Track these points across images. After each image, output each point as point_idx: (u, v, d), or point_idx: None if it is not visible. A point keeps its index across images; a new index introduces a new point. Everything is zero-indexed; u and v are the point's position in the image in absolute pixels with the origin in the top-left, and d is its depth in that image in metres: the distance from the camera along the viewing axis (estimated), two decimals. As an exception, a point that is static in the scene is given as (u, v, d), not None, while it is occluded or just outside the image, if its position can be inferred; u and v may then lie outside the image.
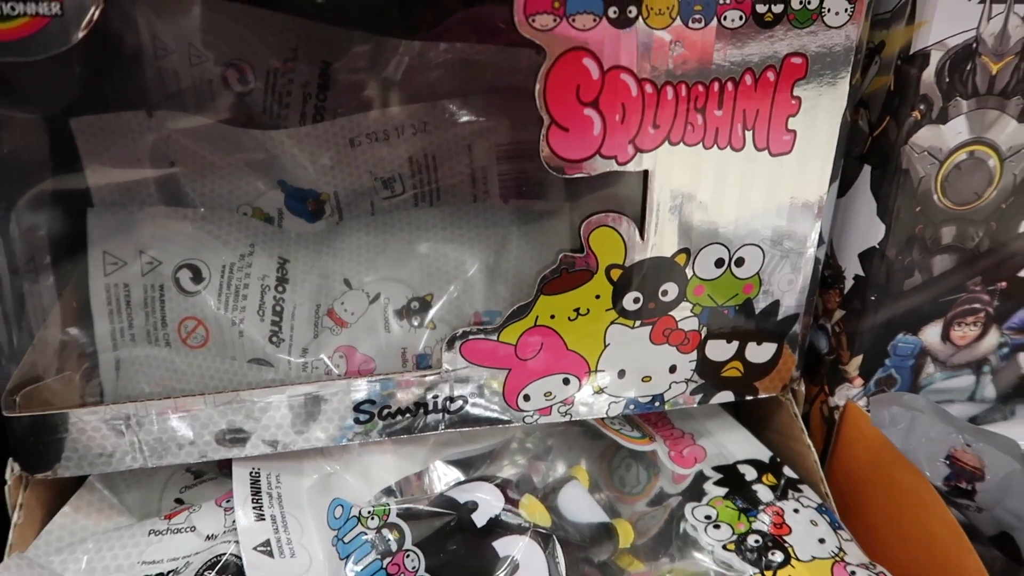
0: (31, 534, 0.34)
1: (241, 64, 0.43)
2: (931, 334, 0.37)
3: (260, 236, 0.43)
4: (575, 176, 0.32)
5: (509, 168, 0.44)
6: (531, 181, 0.44)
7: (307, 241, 0.44)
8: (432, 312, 0.42)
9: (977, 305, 0.36)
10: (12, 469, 0.33)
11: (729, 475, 0.39)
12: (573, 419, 0.37)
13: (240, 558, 0.32)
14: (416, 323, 0.41)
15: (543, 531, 0.32)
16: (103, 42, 0.42)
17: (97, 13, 0.26)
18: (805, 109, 0.32)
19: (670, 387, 0.37)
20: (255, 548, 0.32)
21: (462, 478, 0.36)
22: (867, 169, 0.35)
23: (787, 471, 0.39)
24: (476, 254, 0.43)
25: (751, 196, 0.34)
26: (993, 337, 0.37)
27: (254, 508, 0.33)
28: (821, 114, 0.32)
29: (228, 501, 0.35)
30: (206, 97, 0.44)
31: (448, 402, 0.36)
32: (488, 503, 0.32)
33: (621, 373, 0.36)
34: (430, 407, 0.36)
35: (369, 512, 0.33)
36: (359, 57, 0.44)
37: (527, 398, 0.36)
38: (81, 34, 0.26)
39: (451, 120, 0.44)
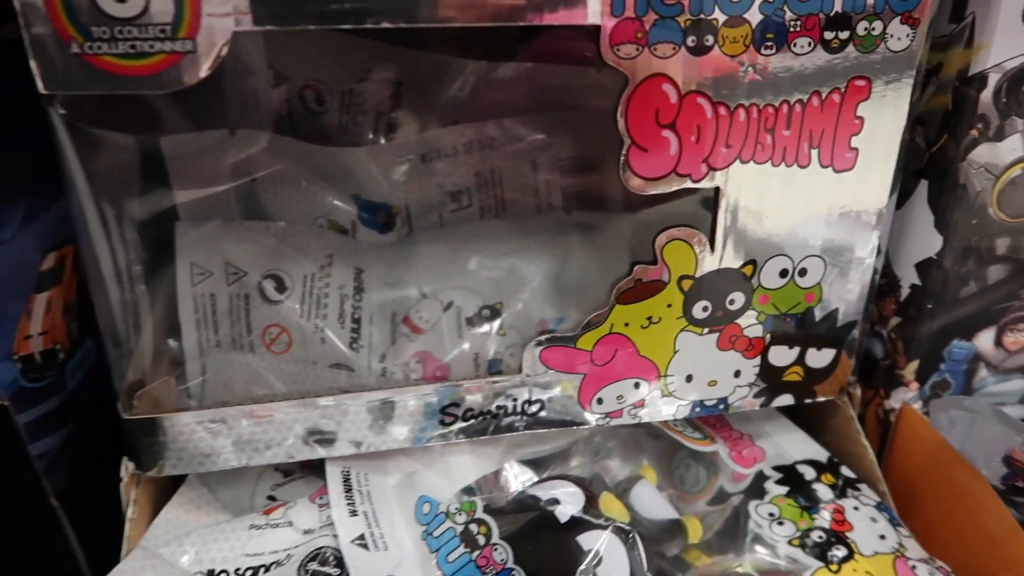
0: (142, 528, 0.36)
1: (317, 84, 0.46)
2: (984, 340, 0.38)
3: (337, 247, 0.45)
4: (652, 193, 0.34)
5: (572, 182, 0.46)
6: (592, 194, 0.47)
7: (380, 252, 0.46)
8: (501, 319, 0.44)
9: (1029, 312, 0.38)
10: (127, 467, 0.36)
11: (789, 474, 0.40)
12: (642, 421, 0.39)
13: (339, 551, 0.34)
14: (487, 329, 0.44)
15: (623, 526, 0.34)
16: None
17: (225, 49, 0.29)
18: (867, 128, 0.34)
19: (734, 391, 0.39)
20: (352, 542, 0.34)
21: (535, 477, 0.38)
22: (924, 184, 0.37)
23: (845, 471, 0.40)
24: (542, 263, 0.45)
25: (815, 210, 0.36)
26: (1044, 343, 0.39)
27: (348, 504, 0.36)
28: (882, 132, 0.34)
29: (321, 498, 0.37)
30: (284, 116, 0.46)
31: (527, 405, 0.38)
32: (569, 500, 0.35)
33: (689, 378, 0.38)
34: (509, 409, 0.38)
35: (456, 508, 0.35)
36: (428, 76, 0.46)
37: (600, 401, 0.38)
38: (209, 69, 0.29)
39: (515, 136, 0.46)
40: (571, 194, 0.47)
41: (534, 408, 0.38)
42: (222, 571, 0.35)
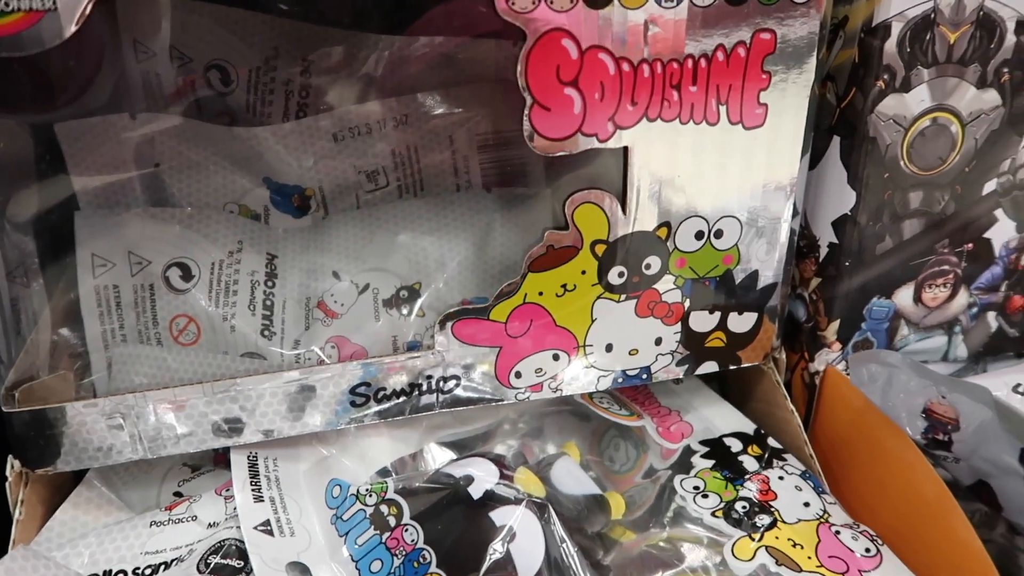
0: (32, 531, 0.34)
1: (223, 64, 0.44)
2: (904, 297, 0.38)
3: (247, 233, 0.43)
4: (558, 155, 0.33)
5: (490, 156, 0.45)
6: (512, 168, 0.46)
7: (294, 236, 0.44)
8: (421, 300, 0.43)
9: (946, 267, 0.38)
10: (12, 466, 0.34)
11: (715, 448, 0.40)
12: (564, 394, 0.38)
13: (242, 542, 0.32)
14: (405, 312, 0.42)
15: (538, 500, 0.33)
16: (86, 47, 0.42)
17: (90, 7, 0.27)
18: (775, 83, 0.34)
19: (656, 359, 0.38)
20: (255, 528, 0.32)
21: (456, 459, 0.37)
22: (836, 140, 0.36)
23: (771, 442, 0.40)
24: (461, 242, 0.44)
25: (727, 169, 0.35)
26: (962, 298, 0.39)
27: (253, 490, 0.34)
28: (791, 87, 0.34)
29: (228, 490, 0.35)
30: (189, 98, 0.44)
31: (442, 382, 0.37)
32: (483, 476, 0.33)
33: (609, 347, 0.37)
34: (424, 388, 0.36)
35: (367, 490, 0.34)
36: (339, 54, 0.45)
37: (518, 375, 0.37)
38: (74, 28, 0.27)
39: (431, 112, 0.45)
40: (491, 170, 0.46)
41: (450, 385, 0.37)
42: (119, 571, 0.33)
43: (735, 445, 0.40)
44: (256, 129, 0.43)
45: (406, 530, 0.32)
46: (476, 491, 0.33)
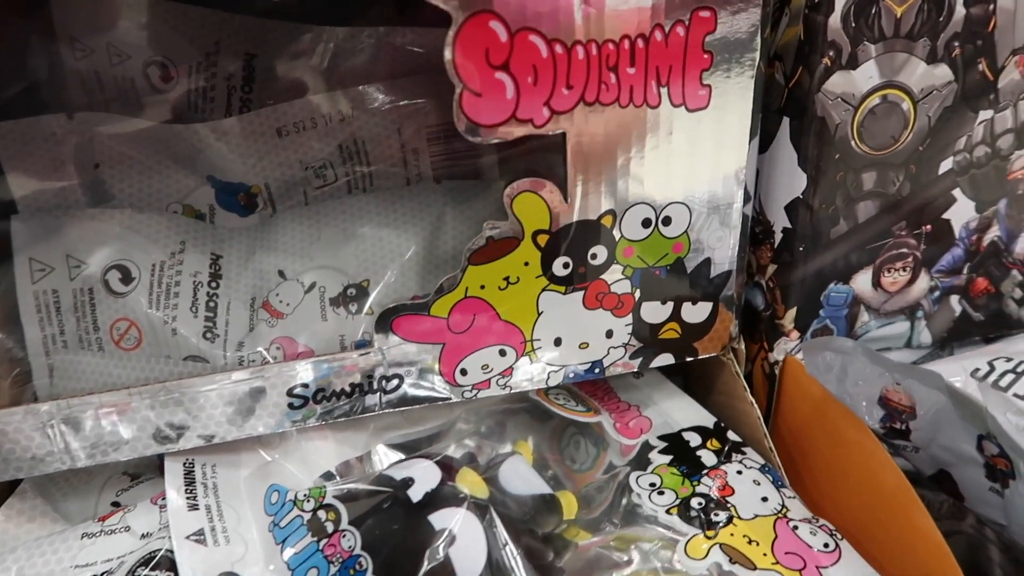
0: (-42, 545, 0.33)
1: (162, 60, 0.43)
2: (862, 282, 0.37)
3: (191, 233, 0.42)
4: (493, 141, 0.32)
5: (440, 148, 0.44)
6: (463, 159, 0.44)
7: (240, 235, 0.43)
8: (370, 299, 0.41)
9: (904, 250, 0.37)
10: (-67, 477, 0.32)
11: (674, 443, 0.38)
12: (513, 391, 0.37)
13: (173, 552, 0.31)
14: (354, 310, 0.41)
15: (480, 502, 0.31)
16: (20, 45, 0.41)
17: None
18: (718, 63, 0.32)
19: (608, 352, 0.37)
20: (187, 537, 0.31)
21: (397, 461, 0.36)
22: (786, 121, 0.35)
23: (731, 435, 0.38)
24: (412, 237, 0.42)
25: (672, 154, 0.34)
26: (923, 282, 0.38)
27: (187, 498, 0.33)
28: (735, 67, 0.32)
29: (163, 499, 0.34)
30: (129, 96, 0.43)
31: (384, 381, 0.35)
32: (424, 478, 0.32)
33: (558, 341, 0.36)
34: (366, 388, 0.35)
35: (305, 495, 0.32)
36: (282, 47, 0.43)
37: (464, 372, 0.36)
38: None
39: (378, 104, 0.43)
40: (442, 162, 0.44)
41: (393, 384, 0.35)
42: (47, 586, 0.31)
43: (694, 440, 0.38)
44: (197, 126, 0.42)
45: (344, 536, 0.31)
46: (416, 494, 0.31)
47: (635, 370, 0.38)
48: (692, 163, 0.34)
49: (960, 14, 0.32)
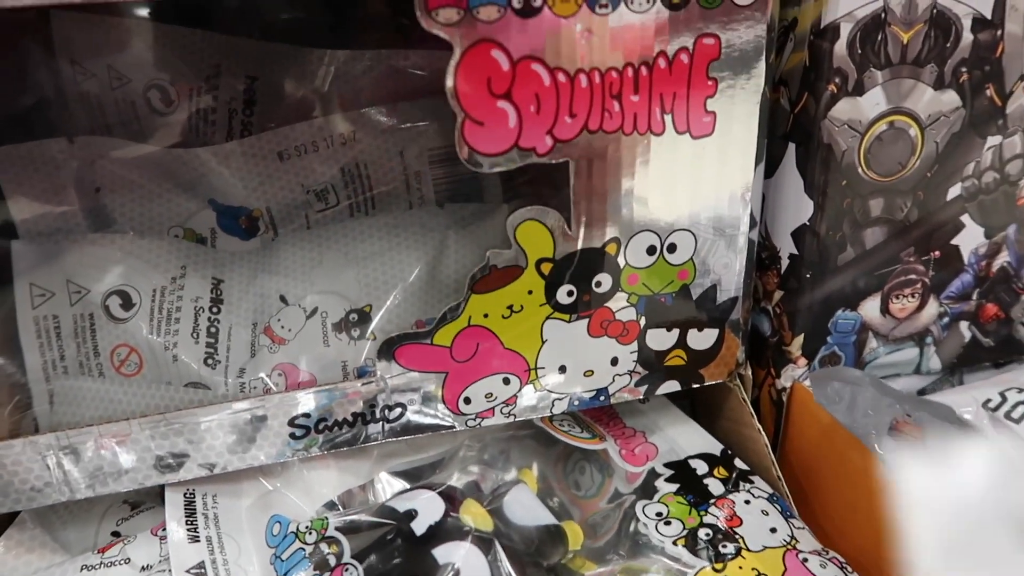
0: (-43, 578, 0.32)
1: (164, 84, 0.43)
2: (870, 308, 0.36)
3: (192, 257, 0.42)
4: (496, 171, 0.31)
5: (442, 171, 0.44)
6: (466, 182, 0.44)
7: (242, 260, 0.43)
8: (373, 324, 0.41)
9: (913, 276, 0.36)
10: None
11: (680, 471, 0.38)
12: (517, 419, 0.37)
13: (175, 586, 0.31)
14: (356, 335, 0.41)
15: (484, 535, 0.31)
16: (20, 68, 0.41)
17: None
18: (722, 89, 0.32)
19: (613, 380, 0.37)
20: (188, 570, 0.30)
21: (401, 492, 0.35)
22: (792, 147, 0.35)
23: (738, 463, 0.38)
24: (414, 261, 0.42)
25: (676, 181, 0.33)
26: (932, 308, 0.37)
27: (188, 530, 0.32)
28: (739, 94, 0.32)
29: (164, 530, 0.34)
30: (130, 119, 0.43)
31: (387, 411, 0.35)
32: (428, 510, 0.32)
33: (562, 369, 0.36)
34: (368, 417, 0.35)
35: (307, 527, 0.32)
36: (283, 69, 0.43)
37: (468, 401, 0.35)
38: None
39: (380, 127, 0.43)
40: (444, 185, 0.44)
41: (396, 414, 0.35)
42: (47, 619, 0.31)
43: (700, 467, 0.38)
44: (198, 150, 0.42)
45: (346, 570, 0.30)
46: (419, 527, 0.31)
47: (641, 397, 0.38)
48: (697, 189, 0.34)
49: (967, 40, 0.32)
